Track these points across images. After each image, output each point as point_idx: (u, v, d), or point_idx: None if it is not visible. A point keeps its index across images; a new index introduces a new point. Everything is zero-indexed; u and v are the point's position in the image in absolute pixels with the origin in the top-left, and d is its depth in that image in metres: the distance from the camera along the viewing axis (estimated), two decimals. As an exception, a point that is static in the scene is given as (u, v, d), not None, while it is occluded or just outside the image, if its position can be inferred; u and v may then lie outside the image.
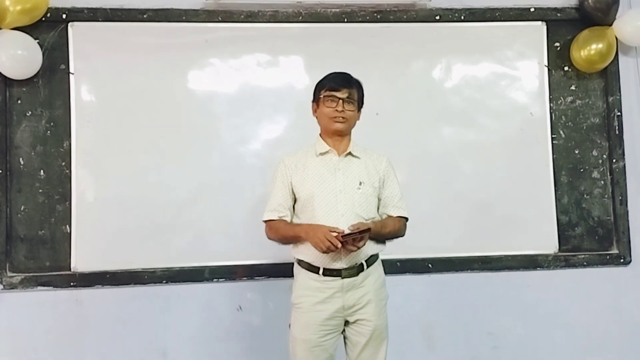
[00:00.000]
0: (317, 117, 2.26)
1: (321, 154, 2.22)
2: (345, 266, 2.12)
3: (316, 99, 2.24)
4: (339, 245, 2.00)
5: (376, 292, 2.19)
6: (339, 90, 2.17)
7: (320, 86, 2.22)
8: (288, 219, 2.21)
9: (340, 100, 2.16)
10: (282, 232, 2.18)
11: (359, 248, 2.04)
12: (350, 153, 2.22)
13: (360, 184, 2.18)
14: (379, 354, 2.19)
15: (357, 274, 2.14)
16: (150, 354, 2.81)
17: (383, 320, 2.21)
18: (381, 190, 2.24)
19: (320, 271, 2.13)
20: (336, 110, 2.16)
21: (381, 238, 2.20)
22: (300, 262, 2.21)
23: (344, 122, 2.18)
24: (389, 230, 2.20)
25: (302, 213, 2.18)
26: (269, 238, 2.23)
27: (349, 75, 2.23)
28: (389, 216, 2.24)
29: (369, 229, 2.04)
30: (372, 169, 2.23)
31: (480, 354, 2.98)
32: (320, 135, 2.26)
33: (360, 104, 2.25)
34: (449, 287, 2.96)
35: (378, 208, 2.25)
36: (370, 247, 2.14)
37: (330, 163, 2.20)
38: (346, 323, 2.18)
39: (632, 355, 3.04)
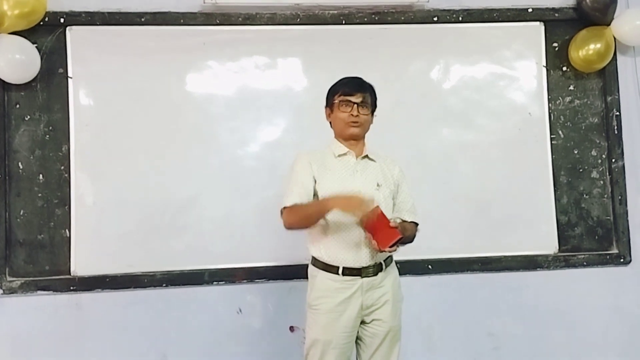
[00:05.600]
0: (331, 122, 2.26)
1: (339, 155, 2.21)
2: (365, 264, 2.12)
3: (330, 104, 2.24)
4: (379, 209, 1.98)
5: (394, 293, 2.20)
6: (354, 95, 2.17)
7: (334, 91, 2.22)
8: None
9: (355, 105, 2.17)
10: (304, 209, 2.09)
11: (391, 250, 2.03)
12: (367, 156, 2.23)
13: (378, 185, 2.19)
14: (392, 356, 2.20)
15: (376, 274, 2.15)
16: (150, 358, 2.81)
17: (398, 322, 2.21)
18: (395, 195, 2.25)
19: (340, 270, 2.12)
20: (351, 114, 2.17)
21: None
22: (316, 262, 2.19)
23: (359, 126, 2.19)
24: (408, 234, 2.18)
25: None
26: (288, 225, 2.13)
27: (362, 79, 2.24)
28: (403, 221, 2.23)
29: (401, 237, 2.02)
30: (388, 172, 2.25)
31: (480, 355, 2.98)
32: (335, 138, 2.26)
33: (373, 107, 2.25)
34: (449, 288, 2.96)
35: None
36: None
37: (348, 165, 2.20)
38: (361, 323, 2.17)
39: (633, 355, 3.04)
